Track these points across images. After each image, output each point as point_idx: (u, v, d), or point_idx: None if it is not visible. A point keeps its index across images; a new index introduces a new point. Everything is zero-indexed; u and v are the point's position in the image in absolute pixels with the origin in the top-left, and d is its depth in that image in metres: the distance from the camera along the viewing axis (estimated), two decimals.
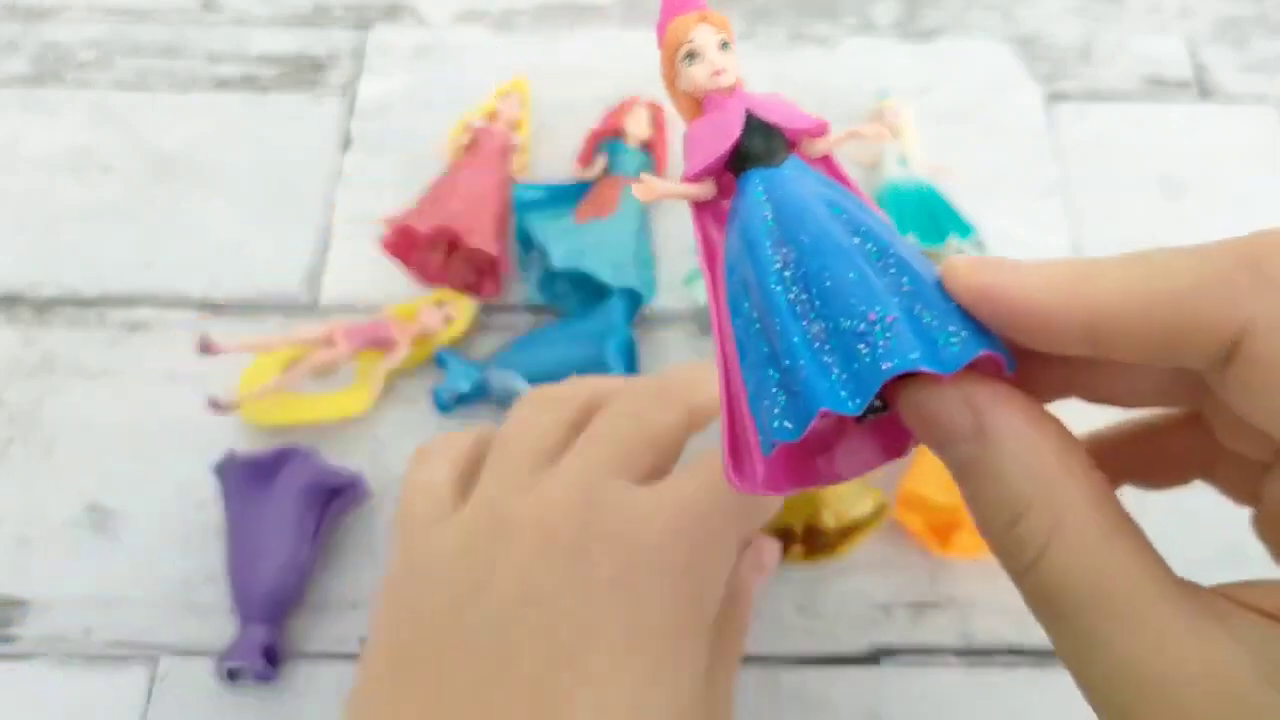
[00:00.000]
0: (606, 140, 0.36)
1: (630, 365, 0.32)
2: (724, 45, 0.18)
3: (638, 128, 0.36)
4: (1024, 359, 0.15)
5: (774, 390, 0.15)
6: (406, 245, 0.35)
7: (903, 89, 0.40)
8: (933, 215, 0.34)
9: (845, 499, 0.29)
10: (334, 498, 0.30)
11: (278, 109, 0.40)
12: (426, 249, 0.35)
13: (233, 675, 0.28)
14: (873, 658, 0.29)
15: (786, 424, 0.15)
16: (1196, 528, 0.31)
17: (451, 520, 0.22)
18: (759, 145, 0.17)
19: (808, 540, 0.30)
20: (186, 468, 0.32)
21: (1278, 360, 0.12)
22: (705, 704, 0.20)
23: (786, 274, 0.15)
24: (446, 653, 0.19)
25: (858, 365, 0.14)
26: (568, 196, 0.35)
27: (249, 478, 0.30)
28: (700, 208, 0.18)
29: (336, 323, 0.32)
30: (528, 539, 0.20)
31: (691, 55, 0.18)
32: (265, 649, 0.28)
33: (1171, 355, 0.13)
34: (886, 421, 0.17)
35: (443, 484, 0.23)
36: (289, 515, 0.29)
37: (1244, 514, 0.31)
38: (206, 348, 0.30)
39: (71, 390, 0.33)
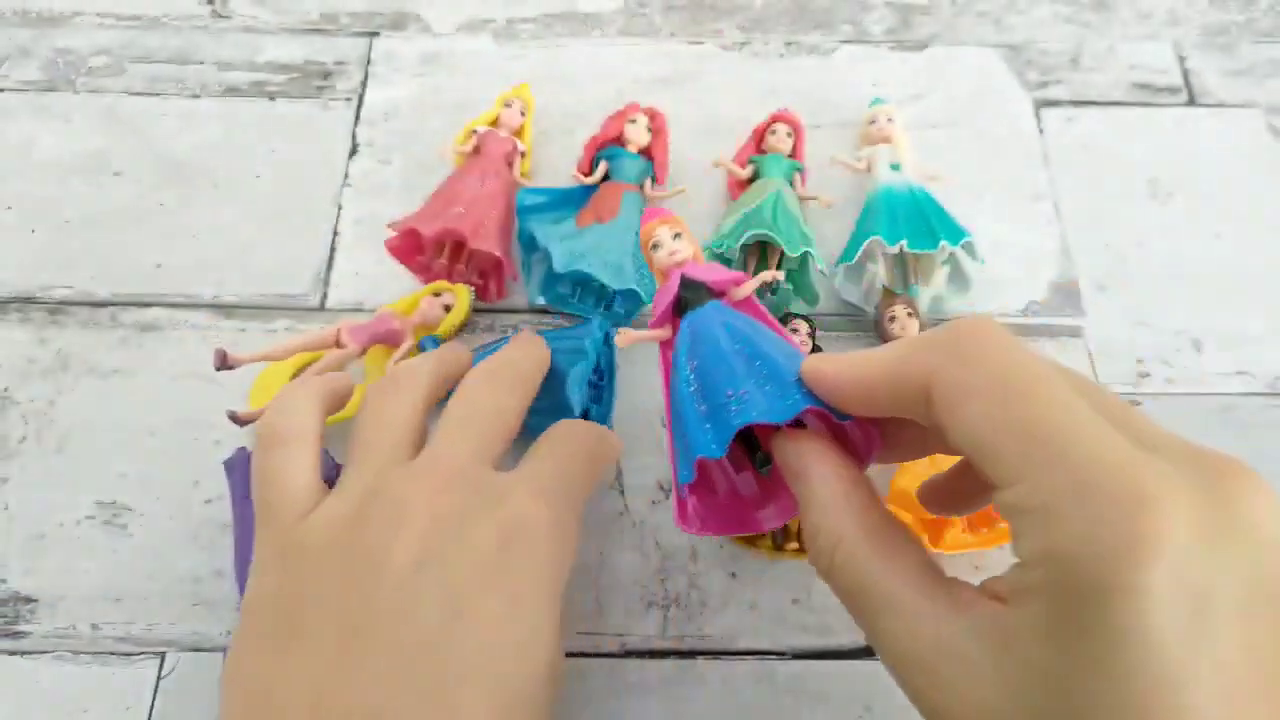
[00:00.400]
0: (606, 147, 0.37)
1: (596, 395, 0.32)
2: (677, 236, 0.27)
3: (637, 134, 0.37)
4: (884, 431, 0.22)
5: (680, 450, 0.24)
6: (412, 248, 0.36)
7: (895, 96, 0.41)
8: (925, 219, 0.34)
9: None
10: None
11: (286, 115, 0.41)
12: (431, 252, 0.36)
13: None
14: (867, 651, 0.30)
15: (684, 471, 0.23)
16: None
17: (327, 506, 0.23)
18: (690, 296, 0.26)
19: (802, 537, 0.30)
20: (196, 465, 0.32)
21: (944, 402, 0.18)
22: (560, 652, 0.23)
23: (691, 375, 0.24)
24: (349, 614, 0.21)
25: (721, 424, 0.22)
26: (569, 201, 0.36)
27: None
28: (664, 342, 0.27)
29: (342, 323, 0.33)
30: (419, 516, 0.22)
31: (655, 246, 0.27)
32: None
33: (905, 409, 0.19)
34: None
35: (301, 473, 0.24)
36: None
37: None
38: (223, 362, 0.31)
39: (84, 390, 0.34)
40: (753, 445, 0.24)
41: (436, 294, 0.35)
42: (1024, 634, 0.17)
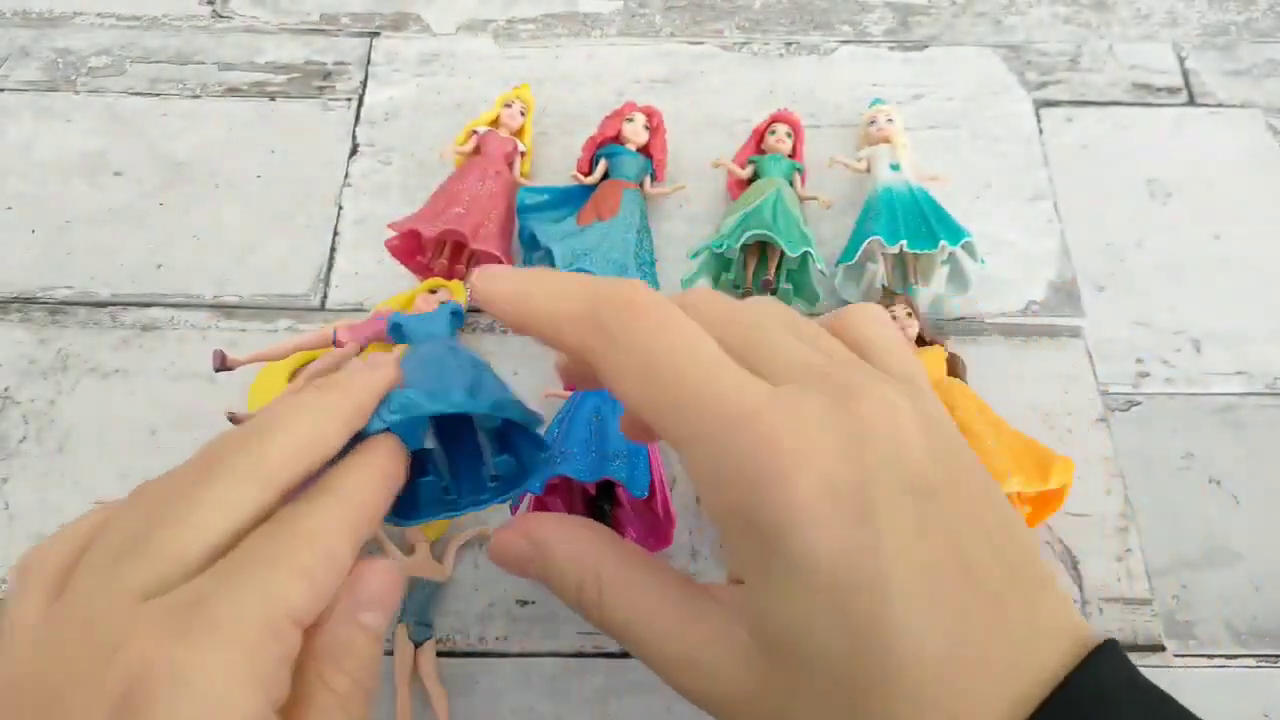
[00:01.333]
0: (605, 146, 0.37)
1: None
2: None
3: (635, 133, 0.37)
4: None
5: None
6: (412, 248, 0.36)
7: (895, 96, 0.41)
8: (925, 220, 0.34)
9: None
10: None
11: (286, 116, 0.41)
12: (432, 252, 0.36)
13: None
14: None
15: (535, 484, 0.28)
16: (1186, 530, 0.32)
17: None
18: None
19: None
20: None
21: (604, 378, 0.19)
22: None
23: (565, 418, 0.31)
24: None
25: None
26: (570, 200, 0.36)
27: None
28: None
29: (338, 322, 0.33)
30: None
31: None
32: None
33: (573, 354, 0.20)
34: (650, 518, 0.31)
35: (49, 575, 0.18)
36: None
37: (1230, 516, 0.32)
38: (222, 363, 0.31)
39: (84, 390, 0.34)
40: (601, 495, 0.30)
41: (433, 291, 0.35)
42: (754, 596, 0.18)
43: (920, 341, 0.33)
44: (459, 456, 0.23)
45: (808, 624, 0.17)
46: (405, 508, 0.22)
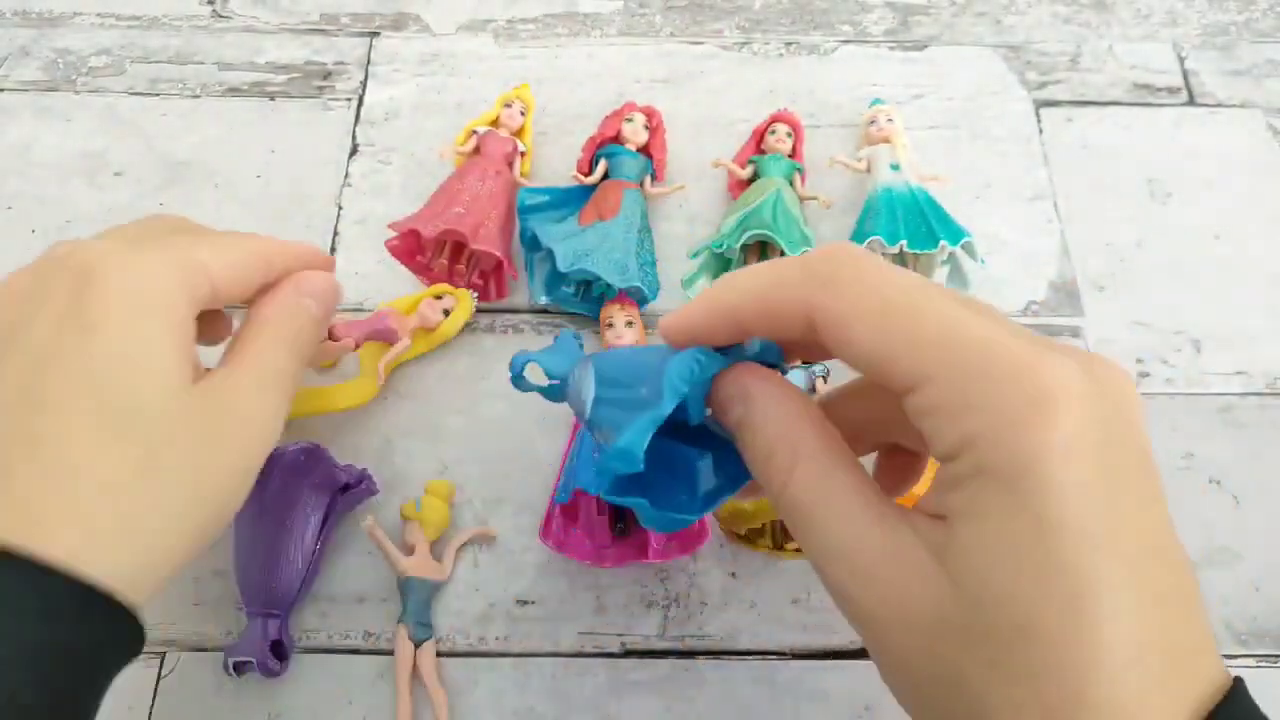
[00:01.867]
0: (605, 146, 0.37)
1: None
2: (629, 324, 0.33)
3: (634, 133, 0.37)
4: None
5: (566, 473, 0.30)
6: (412, 248, 0.36)
7: (895, 96, 0.41)
8: (925, 220, 0.34)
9: None
10: (342, 493, 0.31)
11: (286, 116, 0.41)
12: (432, 252, 0.36)
13: (239, 669, 0.28)
14: (866, 651, 0.30)
15: (562, 494, 0.29)
16: (1186, 530, 0.32)
17: None
18: None
19: (777, 534, 0.31)
20: None
21: (831, 329, 0.19)
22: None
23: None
24: None
25: (603, 472, 0.20)
26: (571, 200, 0.36)
27: (260, 473, 0.30)
28: None
29: (338, 318, 0.33)
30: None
31: (609, 325, 0.33)
32: (273, 643, 0.28)
33: (781, 330, 0.20)
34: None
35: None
36: (298, 511, 0.29)
37: (1230, 516, 0.32)
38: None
39: None
40: (617, 514, 0.30)
41: (438, 297, 0.35)
42: (960, 532, 0.17)
43: None
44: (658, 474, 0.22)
45: (1014, 569, 0.16)
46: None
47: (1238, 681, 0.17)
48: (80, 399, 0.21)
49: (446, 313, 0.34)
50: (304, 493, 0.30)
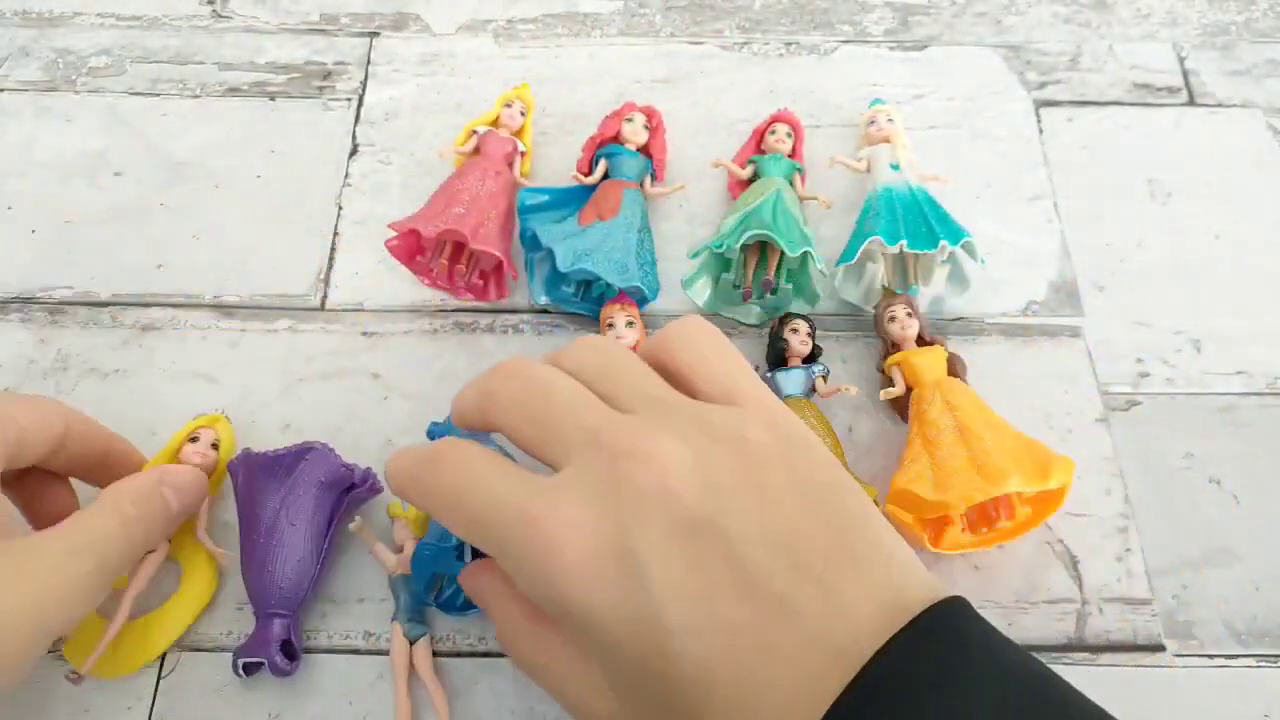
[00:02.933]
0: (605, 146, 0.37)
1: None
2: (629, 323, 0.33)
3: (634, 133, 0.37)
4: None
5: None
6: (412, 248, 0.36)
7: (895, 96, 0.41)
8: (925, 219, 0.34)
9: None
10: (347, 493, 0.31)
11: (286, 116, 0.41)
12: (432, 252, 0.36)
13: (248, 670, 0.28)
14: None
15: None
16: (1186, 530, 0.32)
17: None
18: None
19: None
20: None
21: (422, 508, 0.25)
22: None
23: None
24: None
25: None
26: (571, 200, 0.36)
27: (266, 473, 0.30)
28: None
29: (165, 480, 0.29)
30: None
31: (610, 325, 0.33)
32: (283, 643, 0.28)
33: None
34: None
35: None
36: (307, 510, 0.29)
37: (1230, 516, 0.32)
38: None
39: (84, 390, 0.34)
40: None
41: (192, 439, 0.31)
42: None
43: (920, 341, 0.33)
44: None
45: (625, 676, 0.20)
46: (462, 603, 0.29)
47: (896, 639, 0.18)
48: None
49: (215, 445, 0.31)
50: (314, 491, 0.29)
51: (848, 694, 0.17)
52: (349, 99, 0.41)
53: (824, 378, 0.33)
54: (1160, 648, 0.30)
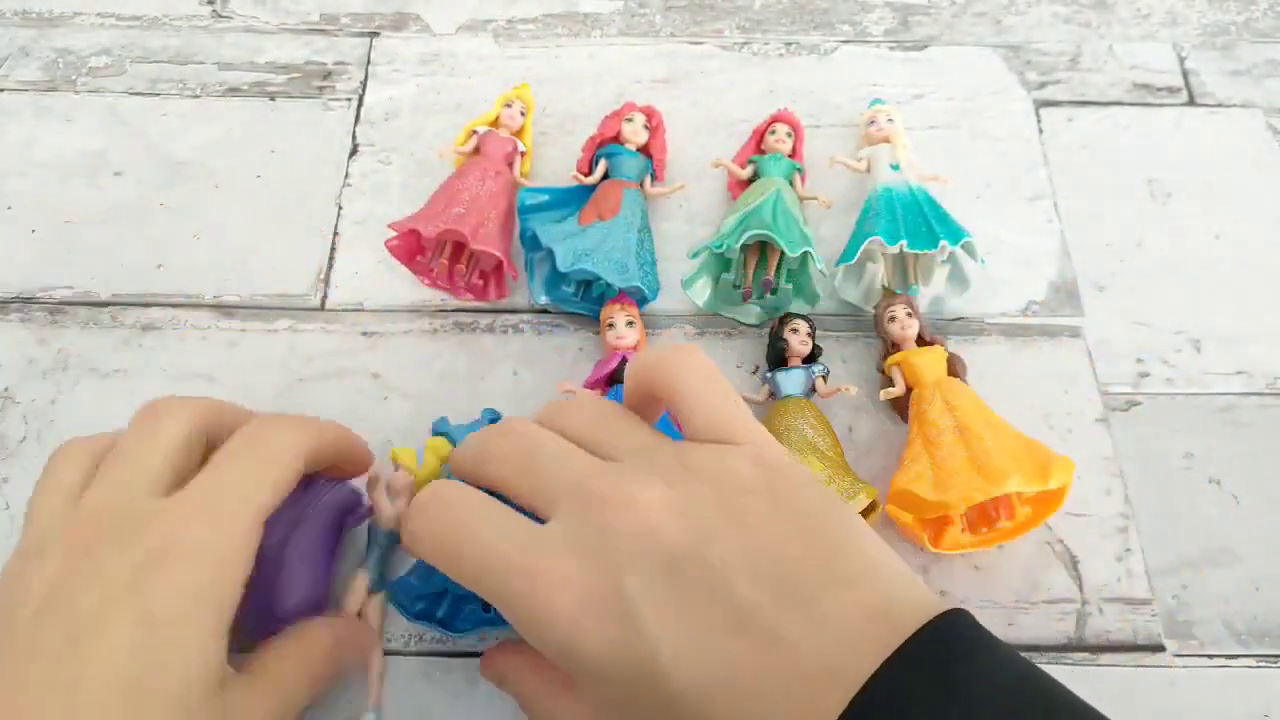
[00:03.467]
0: (605, 146, 0.37)
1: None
2: (629, 323, 0.33)
3: (634, 133, 0.37)
4: None
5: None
6: (412, 248, 0.36)
7: (895, 96, 0.41)
8: (925, 219, 0.34)
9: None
10: (347, 516, 0.30)
11: (286, 116, 0.41)
12: (432, 252, 0.36)
13: None
14: None
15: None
16: (1186, 530, 0.32)
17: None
18: (620, 373, 0.32)
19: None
20: None
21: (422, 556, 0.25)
22: (220, 664, 0.23)
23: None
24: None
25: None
26: (571, 200, 0.36)
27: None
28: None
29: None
30: (53, 555, 0.23)
31: (610, 325, 0.33)
32: None
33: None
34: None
35: (69, 484, 0.24)
36: (319, 538, 0.28)
37: (1230, 516, 0.32)
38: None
39: (84, 390, 0.34)
40: None
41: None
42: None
43: (920, 341, 0.33)
44: None
45: (615, 711, 0.21)
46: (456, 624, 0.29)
47: (893, 659, 0.18)
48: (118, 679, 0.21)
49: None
50: (325, 521, 0.28)
51: (845, 717, 0.17)
52: (349, 99, 0.41)
53: (824, 378, 0.33)
54: (1160, 648, 0.30)
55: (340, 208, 0.38)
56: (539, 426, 0.25)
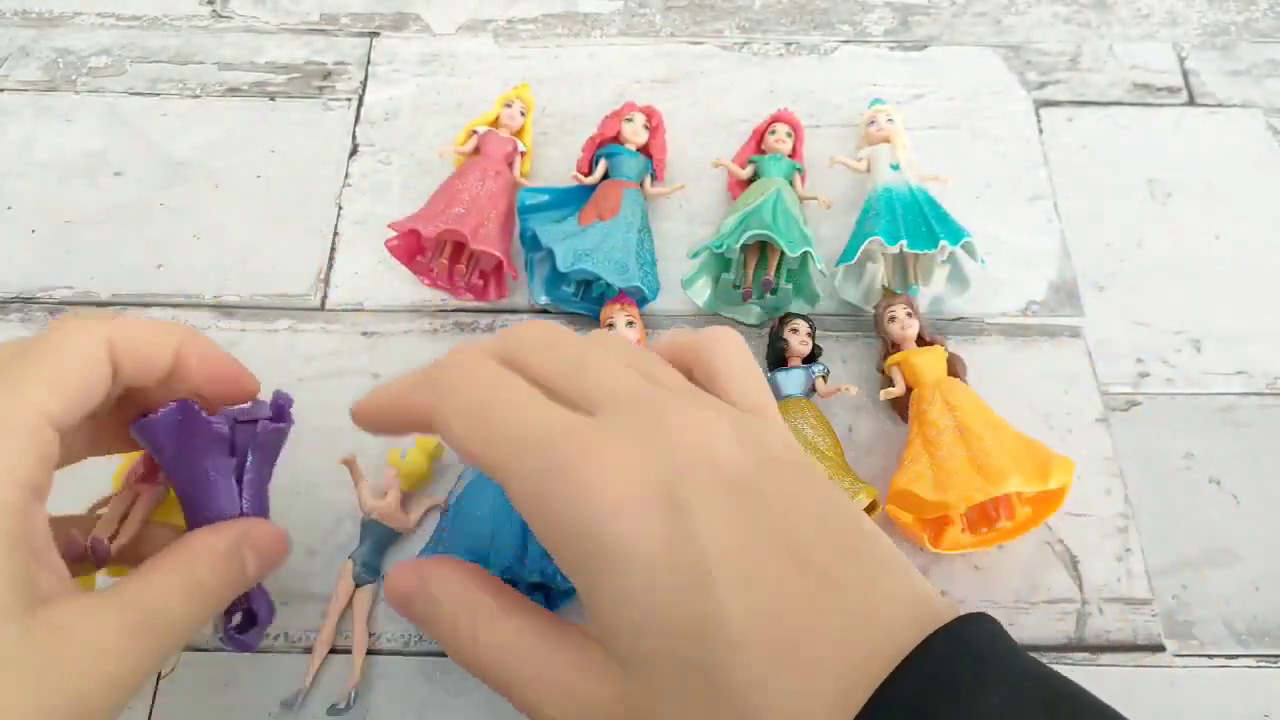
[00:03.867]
0: (605, 146, 0.37)
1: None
2: (629, 323, 0.33)
3: (634, 133, 0.37)
4: None
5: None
6: (412, 248, 0.36)
7: (895, 96, 0.41)
8: (925, 219, 0.34)
9: None
10: (242, 425, 0.26)
11: (286, 116, 0.41)
12: (432, 252, 0.36)
13: (241, 630, 0.26)
14: None
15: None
16: (1186, 530, 0.32)
17: None
18: None
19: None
20: None
21: (438, 427, 0.21)
22: None
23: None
24: None
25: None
26: (571, 200, 0.36)
27: (167, 436, 0.25)
28: None
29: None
30: None
31: (609, 326, 0.33)
32: (244, 613, 0.26)
33: (415, 429, 0.23)
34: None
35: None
36: (202, 470, 0.24)
37: (1230, 516, 0.32)
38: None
39: None
40: None
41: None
42: (591, 622, 0.20)
43: (920, 341, 0.33)
44: None
45: (642, 623, 0.18)
46: None
47: (936, 635, 0.17)
48: None
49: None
50: (200, 452, 0.25)
51: (889, 685, 0.16)
52: (349, 99, 0.41)
53: (824, 378, 0.33)
54: (1160, 648, 0.30)
55: (340, 208, 0.38)
56: (584, 337, 0.23)
